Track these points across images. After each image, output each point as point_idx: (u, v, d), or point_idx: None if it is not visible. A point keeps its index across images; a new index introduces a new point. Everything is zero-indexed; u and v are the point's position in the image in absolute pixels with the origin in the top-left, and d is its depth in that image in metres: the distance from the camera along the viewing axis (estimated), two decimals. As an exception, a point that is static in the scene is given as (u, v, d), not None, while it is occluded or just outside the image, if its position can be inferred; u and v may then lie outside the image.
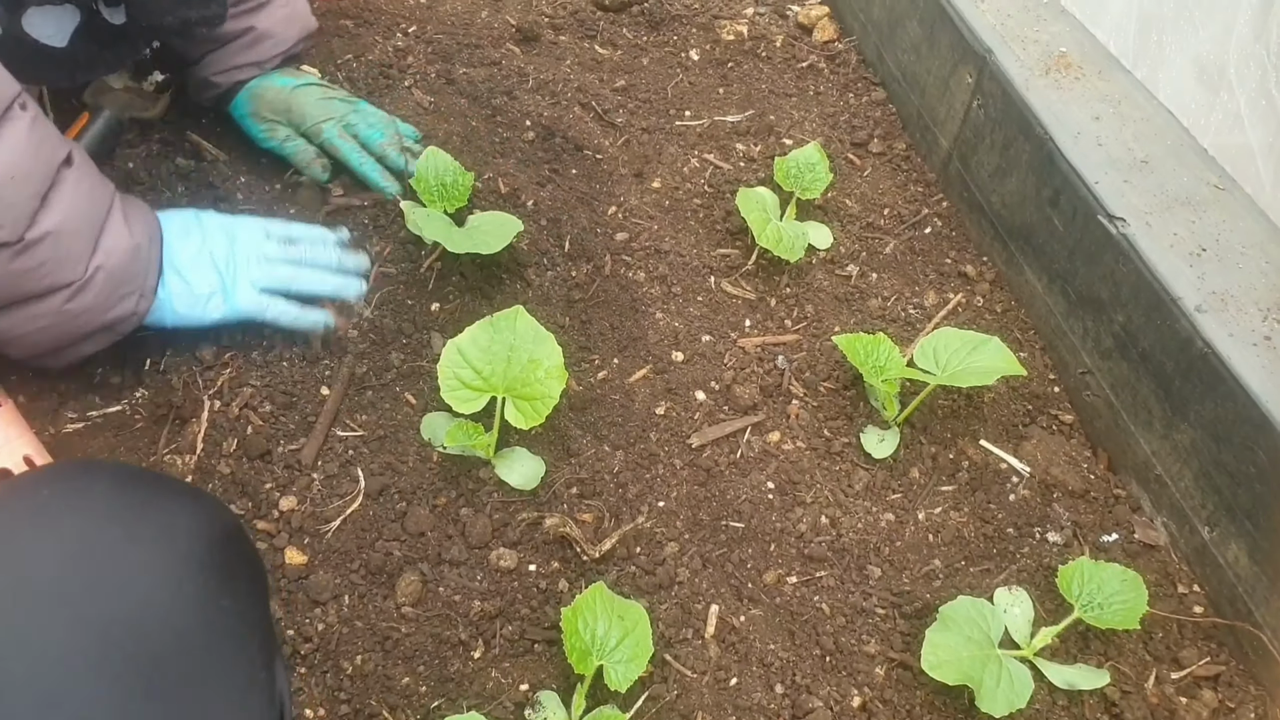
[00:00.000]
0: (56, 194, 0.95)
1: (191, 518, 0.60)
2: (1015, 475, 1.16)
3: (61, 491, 0.58)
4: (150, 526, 0.58)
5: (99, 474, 0.62)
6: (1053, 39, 1.39)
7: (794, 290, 1.34)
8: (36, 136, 0.94)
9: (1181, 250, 1.11)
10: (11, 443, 0.96)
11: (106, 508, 0.58)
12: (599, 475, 1.10)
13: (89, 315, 0.99)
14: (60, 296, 0.96)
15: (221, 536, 0.62)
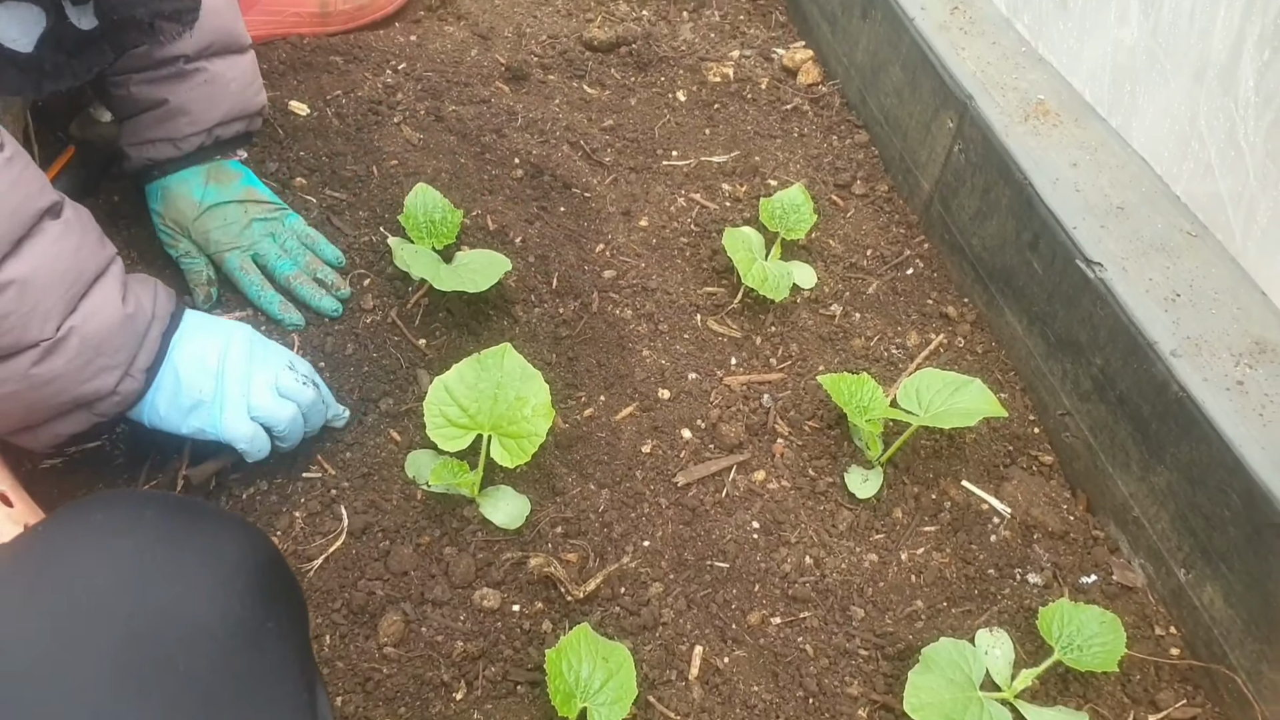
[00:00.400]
0: (31, 243, 0.87)
1: (236, 544, 0.62)
2: (996, 516, 1.17)
3: (114, 516, 0.60)
4: (197, 551, 0.60)
5: (149, 501, 0.64)
6: (1031, 86, 1.42)
7: (779, 329, 1.35)
8: (8, 179, 0.86)
9: (1157, 295, 1.13)
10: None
11: (156, 532, 0.60)
12: (584, 514, 1.11)
13: (60, 384, 0.89)
14: (27, 358, 0.87)
15: (265, 562, 0.63)
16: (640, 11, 1.88)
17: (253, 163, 1.37)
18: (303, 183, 1.37)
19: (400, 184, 1.39)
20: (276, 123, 1.43)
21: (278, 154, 1.39)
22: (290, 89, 1.50)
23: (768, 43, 1.88)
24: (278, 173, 1.36)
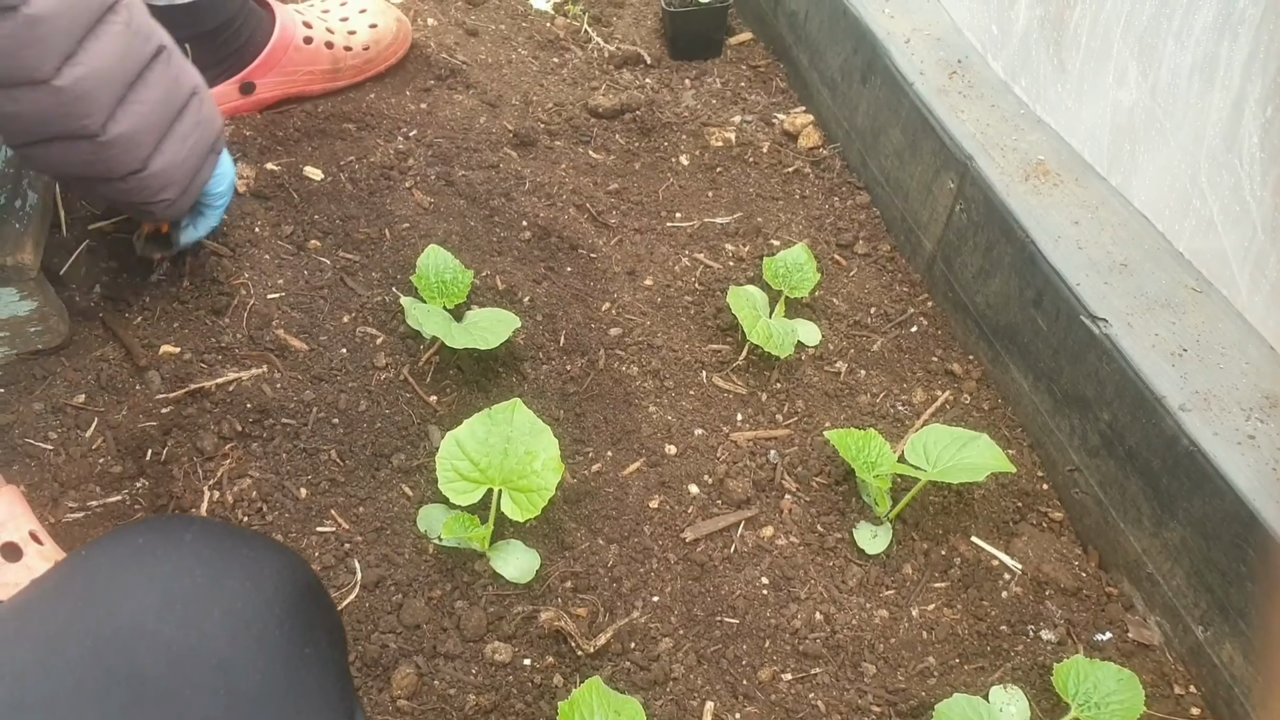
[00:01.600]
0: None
1: (275, 568, 0.62)
2: (1007, 572, 1.17)
3: (155, 540, 0.61)
4: (236, 575, 0.60)
5: (189, 525, 0.64)
6: (1031, 147, 1.45)
7: (784, 386, 1.36)
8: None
9: (1163, 350, 1.14)
10: (17, 519, 0.96)
11: (196, 556, 0.60)
12: (593, 569, 1.10)
13: (209, 125, 1.11)
14: (193, 105, 1.08)
15: (303, 587, 0.63)
16: (644, 80, 1.93)
17: (268, 226, 1.40)
18: (317, 245, 1.39)
19: (412, 246, 1.41)
20: (292, 187, 1.46)
21: (293, 217, 1.42)
22: (305, 155, 1.53)
23: (769, 108, 1.92)
24: (293, 235, 1.39)
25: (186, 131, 1.09)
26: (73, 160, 1.02)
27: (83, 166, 1.03)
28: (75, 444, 1.10)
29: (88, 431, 1.11)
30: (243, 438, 1.13)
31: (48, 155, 1.01)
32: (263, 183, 1.45)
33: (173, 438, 1.11)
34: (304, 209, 1.43)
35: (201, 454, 1.10)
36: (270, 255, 1.35)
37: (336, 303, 1.31)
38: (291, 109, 1.60)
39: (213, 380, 1.17)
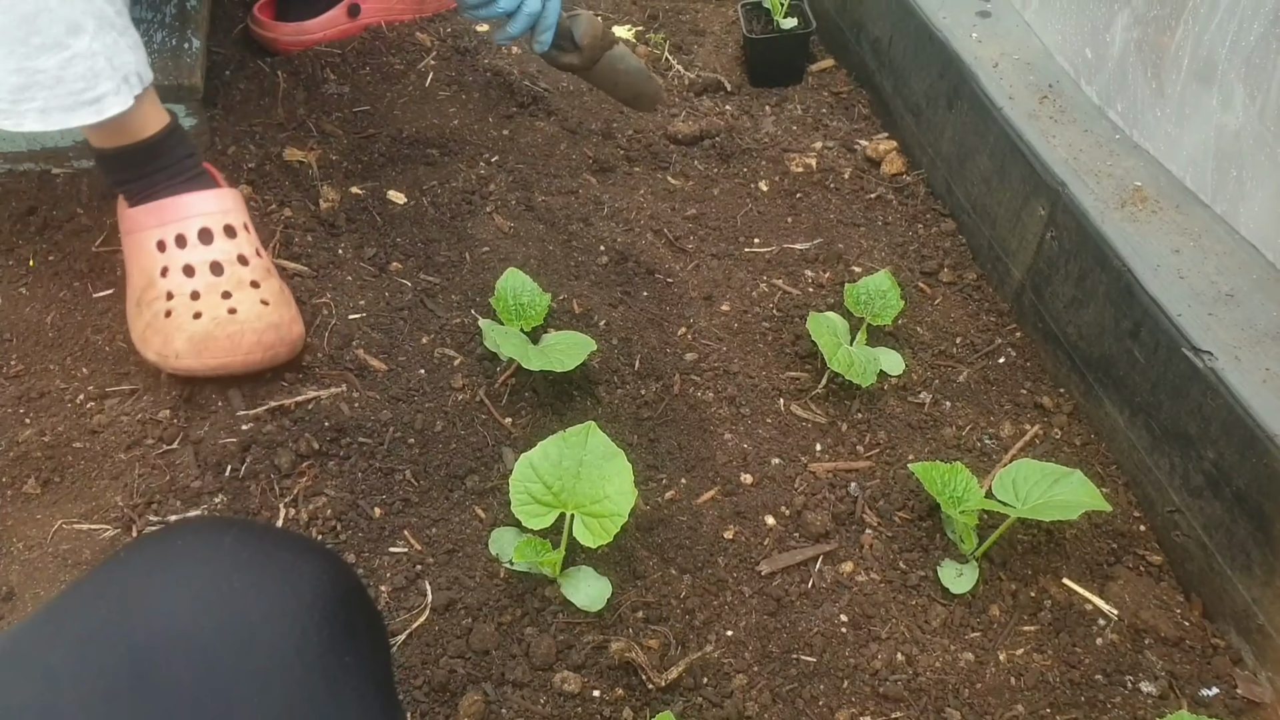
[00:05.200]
0: None
1: (315, 572, 0.61)
2: (1101, 618, 1.10)
3: (193, 543, 0.60)
4: (275, 579, 0.59)
5: (229, 527, 0.64)
6: (1126, 173, 1.39)
7: (866, 416, 1.32)
8: None
9: (1275, 386, 1.07)
10: (241, 209, 1.25)
11: (235, 559, 0.59)
12: (665, 599, 1.08)
13: None
14: None
15: (344, 593, 0.62)
16: (724, 106, 1.93)
17: (351, 248, 1.42)
18: (399, 267, 1.41)
19: (491, 269, 1.42)
20: (375, 210, 1.49)
21: (376, 240, 1.44)
22: (389, 179, 1.56)
23: (850, 135, 1.89)
24: (375, 257, 1.41)
25: None
26: None
27: None
28: (158, 457, 1.13)
29: (172, 445, 1.14)
30: (320, 456, 1.14)
31: None
32: (347, 205, 1.48)
33: (251, 454, 1.12)
34: (386, 232, 1.46)
35: (279, 471, 1.11)
36: (352, 277, 1.37)
37: (416, 324, 1.33)
38: (377, 134, 1.63)
39: (292, 398, 1.19)
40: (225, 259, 1.22)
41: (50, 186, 1.46)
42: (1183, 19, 1.28)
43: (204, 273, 1.21)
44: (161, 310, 1.19)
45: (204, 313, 1.18)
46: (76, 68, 1.07)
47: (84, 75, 1.08)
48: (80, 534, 1.07)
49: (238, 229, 1.25)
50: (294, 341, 1.22)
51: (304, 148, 1.55)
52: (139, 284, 1.22)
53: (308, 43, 1.76)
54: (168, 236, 1.21)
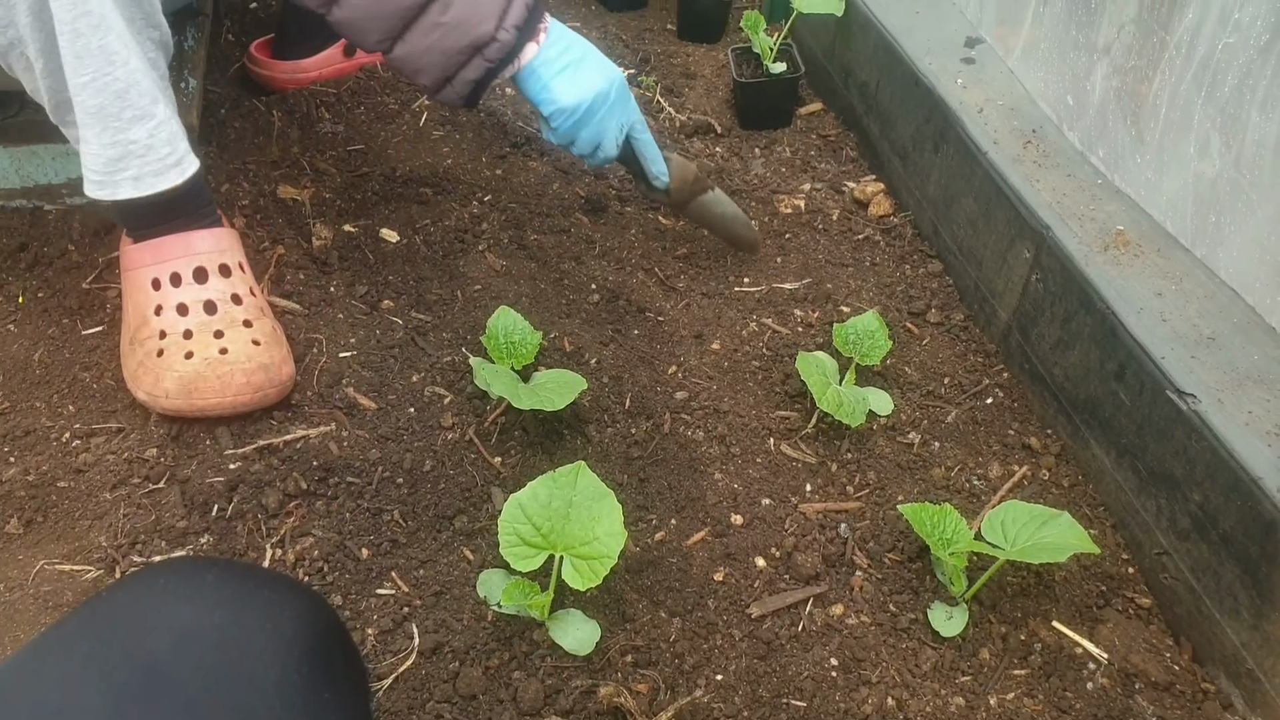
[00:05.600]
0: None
1: (296, 609, 0.61)
2: (1092, 661, 1.10)
3: (176, 581, 0.61)
4: (256, 617, 0.59)
5: (210, 566, 0.64)
6: (1109, 217, 1.41)
7: (855, 456, 1.33)
8: None
9: (1258, 429, 1.08)
10: (236, 249, 1.25)
11: (216, 596, 0.60)
12: (655, 643, 1.07)
13: (459, 29, 1.23)
14: (433, 10, 1.21)
15: (324, 630, 0.62)
16: (714, 148, 1.95)
17: (344, 285, 1.43)
18: (390, 305, 1.41)
19: (483, 307, 1.43)
20: (368, 248, 1.50)
21: (368, 278, 1.45)
22: (382, 218, 1.57)
23: (838, 177, 1.92)
24: (367, 295, 1.42)
25: (425, 29, 1.25)
26: None
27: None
28: (144, 496, 1.12)
29: (158, 484, 1.13)
30: (308, 496, 1.13)
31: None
32: (340, 243, 1.49)
33: (239, 493, 1.12)
34: (379, 269, 1.46)
35: (266, 511, 1.11)
36: (344, 314, 1.37)
37: (407, 362, 1.33)
38: (371, 173, 1.64)
39: (281, 437, 1.18)
40: (219, 298, 1.22)
41: (42, 223, 1.46)
42: (1159, 70, 1.30)
43: (197, 311, 1.21)
44: (154, 349, 1.19)
45: (195, 352, 1.18)
46: (161, 134, 1.13)
47: (168, 140, 1.14)
48: (62, 575, 1.06)
49: (233, 268, 1.26)
50: (283, 383, 1.23)
51: (297, 185, 1.56)
52: (133, 321, 1.23)
53: (304, 81, 1.78)
54: (163, 275, 1.22)
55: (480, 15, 1.26)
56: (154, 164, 1.14)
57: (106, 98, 1.08)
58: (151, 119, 1.12)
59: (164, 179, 1.15)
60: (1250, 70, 1.15)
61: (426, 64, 1.27)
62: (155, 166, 1.14)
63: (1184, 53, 1.25)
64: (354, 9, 1.23)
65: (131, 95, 1.10)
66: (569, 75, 1.37)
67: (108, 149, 1.11)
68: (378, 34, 1.26)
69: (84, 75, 1.07)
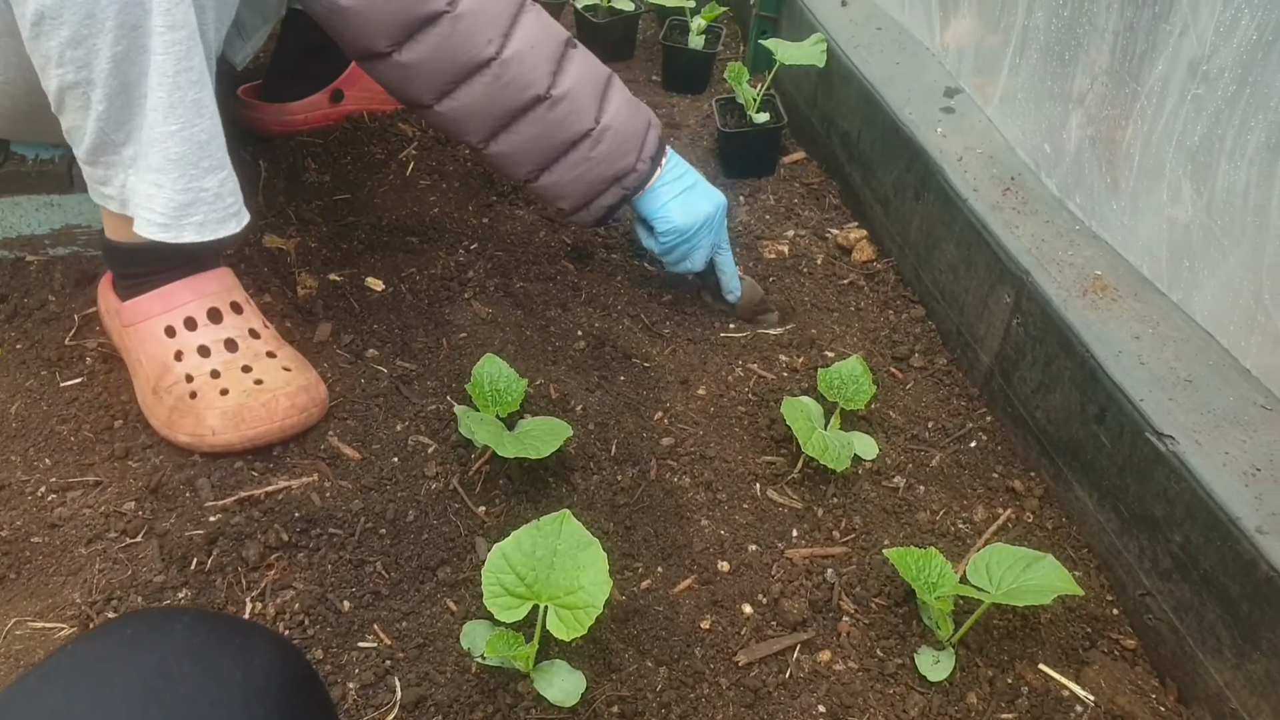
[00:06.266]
0: (566, 64, 1.36)
1: (267, 657, 0.61)
2: (1079, 704, 1.10)
3: (143, 632, 0.60)
4: (226, 665, 0.59)
5: (180, 616, 0.64)
6: (1087, 262, 1.44)
7: (841, 501, 1.33)
8: (543, 21, 1.36)
9: (1235, 470, 1.09)
10: (231, 290, 1.28)
11: (184, 647, 0.59)
12: (641, 693, 1.06)
13: (606, 163, 1.40)
14: (585, 145, 1.38)
15: (295, 678, 0.62)
16: (699, 195, 1.97)
17: (328, 334, 1.43)
18: (375, 354, 1.42)
19: (469, 355, 1.43)
20: (353, 297, 1.50)
21: (353, 326, 1.45)
22: (368, 266, 1.58)
23: (822, 223, 1.94)
24: (352, 344, 1.42)
25: (574, 162, 1.40)
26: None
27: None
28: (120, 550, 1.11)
29: (135, 538, 1.12)
30: (289, 548, 1.13)
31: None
32: (325, 292, 1.49)
33: (218, 546, 1.11)
34: (364, 318, 1.47)
35: (246, 564, 1.10)
36: (328, 363, 1.37)
37: (391, 411, 1.33)
38: (357, 222, 1.66)
39: (262, 488, 1.18)
40: (238, 334, 1.26)
41: (23, 274, 1.47)
42: (1132, 119, 1.33)
43: (219, 351, 1.24)
44: (184, 393, 1.21)
45: (230, 388, 1.21)
46: (229, 184, 1.18)
47: (233, 191, 1.18)
48: (35, 633, 1.04)
49: (243, 304, 1.29)
50: (323, 401, 1.28)
51: (283, 235, 1.57)
52: (153, 372, 1.24)
53: (290, 124, 1.80)
54: (176, 321, 1.24)
55: (625, 150, 1.41)
56: (219, 211, 1.17)
57: (190, 147, 1.11)
58: (224, 170, 1.16)
59: (226, 226, 1.18)
60: (1219, 119, 1.17)
61: (570, 193, 1.42)
62: (220, 214, 1.17)
63: (1155, 102, 1.28)
64: (511, 144, 1.36)
65: (211, 147, 1.14)
66: (684, 199, 1.51)
67: (180, 194, 1.13)
68: (529, 166, 1.39)
69: (173, 125, 1.10)
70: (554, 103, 1.35)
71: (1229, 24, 1.14)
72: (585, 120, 1.37)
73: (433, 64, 1.28)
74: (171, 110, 1.09)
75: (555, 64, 1.35)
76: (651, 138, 1.45)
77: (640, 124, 1.45)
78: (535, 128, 1.36)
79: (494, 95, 1.32)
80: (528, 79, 1.33)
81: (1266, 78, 1.10)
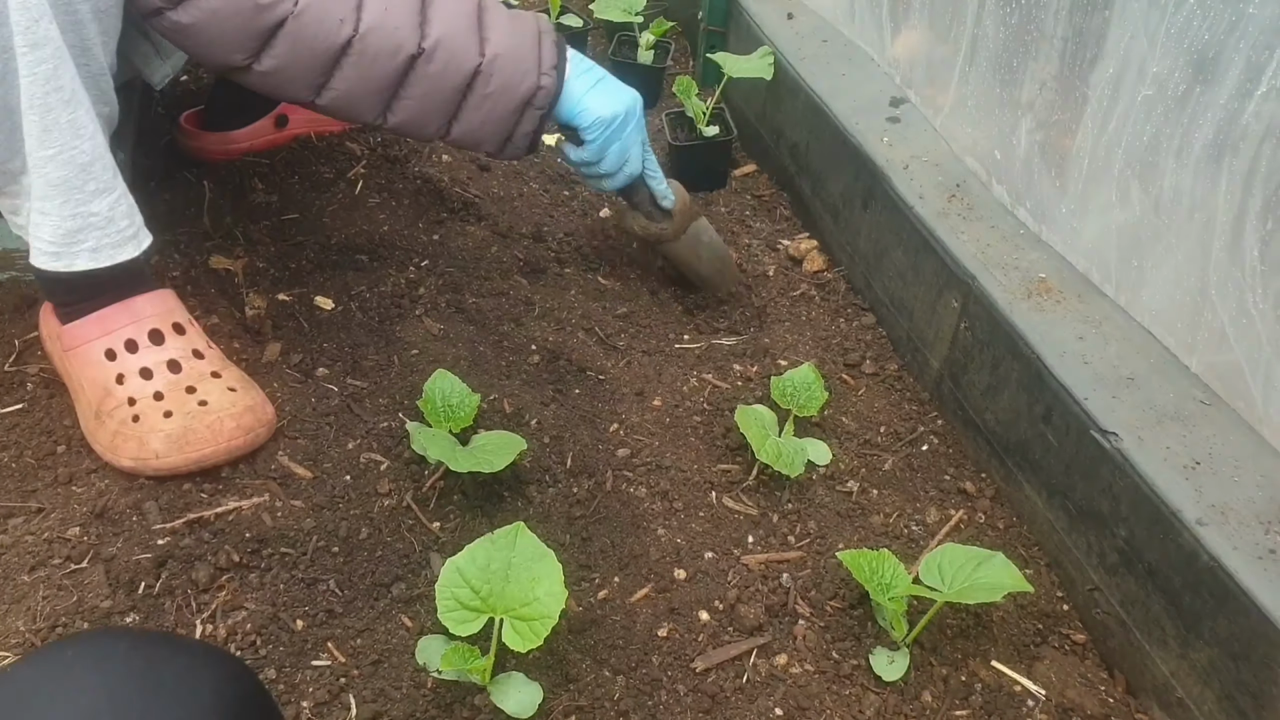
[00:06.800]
0: (430, 11, 1.28)
1: (214, 676, 0.60)
2: (1030, 699, 1.11)
3: (85, 654, 0.59)
4: (171, 686, 0.58)
5: (123, 637, 0.63)
6: (1031, 266, 1.47)
7: (796, 506, 1.34)
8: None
9: (1176, 464, 1.12)
10: (172, 311, 1.24)
11: (127, 668, 0.58)
12: (599, 703, 1.06)
13: (507, 91, 1.33)
14: (479, 84, 1.32)
15: (244, 696, 0.61)
16: (652, 208, 1.98)
17: (277, 354, 1.42)
18: (325, 372, 1.41)
19: (420, 372, 1.42)
20: (302, 316, 1.49)
21: (303, 346, 1.44)
22: (317, 285, 1.57)
23: (773, 235, 1.96)
24: (301, 363, 1.41)
25: (476, 104, 1.34)
26: None
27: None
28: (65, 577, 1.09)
29: (81, 564, 1.10)
30: (240, 568, 1.11)
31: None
32: (274, 312, 1.48)
33: (167, 569, 1.09)
34: (313, 337, 1.46)
35: (196, 586, 1.08)
36: (278, 383, 1.36)
37: (342, 429, 1.32)
38: (306, 242, 1.64)
39: (212, 510, 1.16)
40: (181, 356, 1.23)
41: (-38, 300, 1.44)
42: (1081, 124, 1.36)
43: (162, 372, 1.22)
44: (126, 416, 1.19)
45: (174, 410, 1.19)
46: (121, 207, 1.15)
47: (127, 213, 1.16)
48: (-20, 662, 1.02)
49: (185, 325, 1.27)
50: (270, 422, 1.26)
51: (230, 256, 1.55)
52: (94, 396, 1.22)
53: (234, 152, 1.78)
54: (116, 344, 1.22)
55: (521, 72, 1.34)
56: (113, 236, 1.15)
57: (71, 170, 1.09)
58: (113, 192, 1.13)
59: (122, 251, 1.16)
60: (1168, 119, 1.20)
61: (485, 135, 1.37)
62: (115, 239, 1.15)
63: (1104, 106, 1.31)
64: (408, 111, 1.31)
65: (95, 169, 1.11)
66: (599, 90, 1.45)
67: (67, 220, 1.11)
68: (434, 124, 1.34)
69: (50, 149, 1.07)
70: (429, 55, 1.28)
71: (1180, 27, 1.16)
72: (470, 59, 1.30)
73: (295, 64, 1.23)
74: (46, 134, 1.06)
75: (419, 15, 1.28)
76: (546, 47, 1.37)
77: (530, 40, 1.37)
78: (423, 86, 1.30)
79: (367, 71, 1.26)
80: (395, 42, 1.25)
81: (1217, 75, 1.12)
